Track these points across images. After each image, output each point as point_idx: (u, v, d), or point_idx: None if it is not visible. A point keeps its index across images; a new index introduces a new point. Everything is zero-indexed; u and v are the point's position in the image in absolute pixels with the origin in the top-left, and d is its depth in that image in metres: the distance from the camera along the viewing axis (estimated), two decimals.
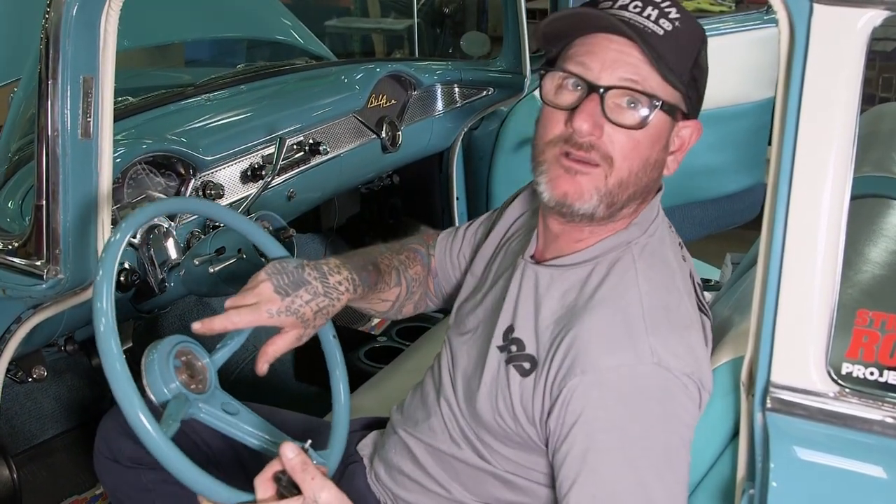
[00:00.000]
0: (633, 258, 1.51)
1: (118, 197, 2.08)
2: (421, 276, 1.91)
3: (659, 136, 1.47)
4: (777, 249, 1.32)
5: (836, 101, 1.26)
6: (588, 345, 1.43)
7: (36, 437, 2.71)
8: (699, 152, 3.51)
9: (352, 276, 1.67)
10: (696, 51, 1.46)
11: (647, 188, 1.52)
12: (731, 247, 2.62)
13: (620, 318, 1.44)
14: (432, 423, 1.70)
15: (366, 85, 2.87)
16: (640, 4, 1.43)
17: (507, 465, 1.59)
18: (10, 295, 1.70)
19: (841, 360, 1.34)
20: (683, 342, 1.45)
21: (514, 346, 1.55)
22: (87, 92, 1.59)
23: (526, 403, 1.51)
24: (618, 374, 1.41)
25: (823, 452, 1.36)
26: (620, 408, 1.41)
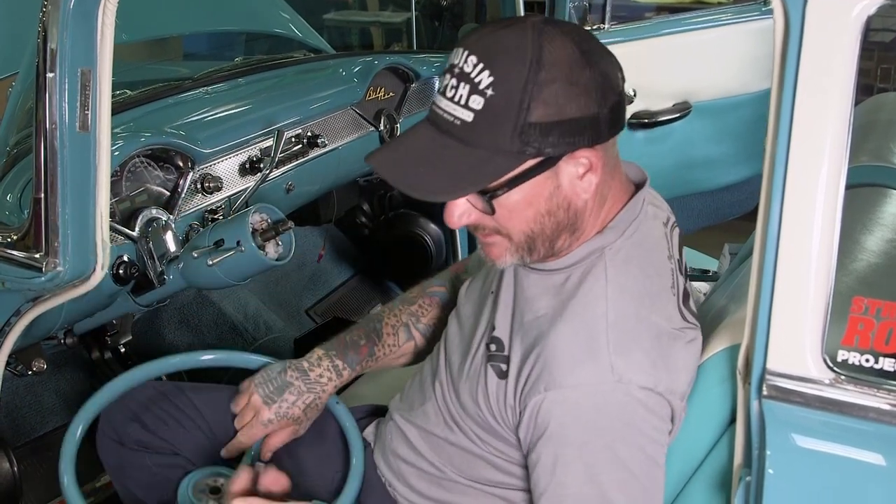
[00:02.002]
0: (606, 265, 1.51)
1: (117, 190, 2.08)
2: (441, 316, 1.94)
3: (533, 194, 1.44)
4: (773, 237, 1.33)
5: (831, 90, 1.26)
6: (552, 361, 1.45)
7: (36, 431, 2.72)
8: (698, 144, 3.55)
9: (333, 363, 1.82)
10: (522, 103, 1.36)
11: (566, 224, 1.49)
12: (730, 238, 2.62)
13: (584, 335, 1.46)
14: (426, 408, 1.72)
15: (364, 77, 2.87)
16: (454, 85, 1.40)
17: (493, 451, 1.62)
18: (10, 287, 1.71)
19: (837, 348, 1.34)
20: (650, 353, 1.46)
21: (494, 345, 1.58)
22: (85, 85, 1.59)
23: (500, 406, 1.55)
24: (579, 392, 1.43)
25: (819, 439, 1.37)
26: (582, 425, 1.44)
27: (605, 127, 1.42)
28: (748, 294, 1.42)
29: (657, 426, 1.46)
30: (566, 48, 1.38)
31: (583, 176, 1.45)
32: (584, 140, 1.40)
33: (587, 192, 1.47)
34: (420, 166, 1.43)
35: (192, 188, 2.25)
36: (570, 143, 1.39)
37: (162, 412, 1.96)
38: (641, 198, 1.57)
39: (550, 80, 1.36)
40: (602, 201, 1.52)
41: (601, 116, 1.40)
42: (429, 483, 1.73)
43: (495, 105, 1.37)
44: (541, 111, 1.36)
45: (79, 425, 1.73)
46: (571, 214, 1.48)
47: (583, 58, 1.39)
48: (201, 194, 2.27)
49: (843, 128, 1.27)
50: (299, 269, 3.59)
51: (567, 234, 1.50)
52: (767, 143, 1.34)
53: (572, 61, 1.38)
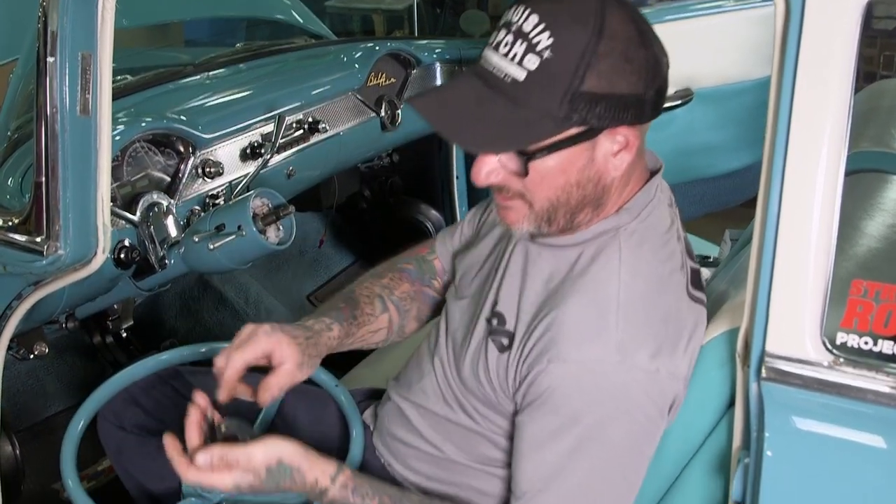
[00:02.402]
0: (620, 246, 1.51)
1: (118, 175, 2.08)
2: (411, 293, 1.92)
3: (568, 163, 1.44)
4: (772, 220, 1.33)
5: (832, 76, 1.26)
6: (559, 334, 1.46)
7: (38, 415, 2.73)
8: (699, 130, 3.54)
9: (319, 318, 1.74)
10: (577, 70, 1.36)
11: (592, 199, 1.50)
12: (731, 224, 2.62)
13: (595, 311, 1.46)
14: (424, 385, 1.73)
15: (365, 63, 2.87)
16: (509, 42, 1.39)
17: (494, 428, 1.62)
18: (11, 271, 1.71)
19: (836, 330, 1.35)
20: (658, 337, 1.46)
21: (496, 319, 1.58)
22: (86, 69, 1.59)
23: (501, 378, 1.55)
24: (582, 367, 1.44)
25: (818, 421, 1.37)
26: (577, 399, 1.44)
27: (648, 108, 1.42)
28: (748, 278, 1.42)
29: (651, 416, 1.46)
30: (626, 24, 1.39)
31: (617, 153, 1.45)
32: (627, 118, 1.41)
33: (618, 169, 1.47)
34: (464, 118, 1.42)
35: (193, 173, 2.26)
36: (615, 118, 1.40)
37: (162, 396, 1.97)
38: (656, 183, 1.58)
39: (608, 52, 1.36)
40: (626, 182, 1.53)
41: (646, 98, 1.41)
42: (427, 464, 1.73)
43: (550, 68, 1.36)
44: (593, 81, 1.36)
45: (79, 422, 1.75)
46: (599, 189, 1.48)
47: (640, 37, 1.39)
48: (202, 179, 2.28)
49: (843, 114, 1.27)
50: (300, 254, 3.59)
51: (590, 208, 1.51)
52: (767, 127, 1.35)
53: (630, 38, 1.38)
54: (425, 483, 1.74)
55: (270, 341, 1.61)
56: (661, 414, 1.48)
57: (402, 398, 1.79)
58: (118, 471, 2.03)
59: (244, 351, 1.59)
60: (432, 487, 1.74)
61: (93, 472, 2.56)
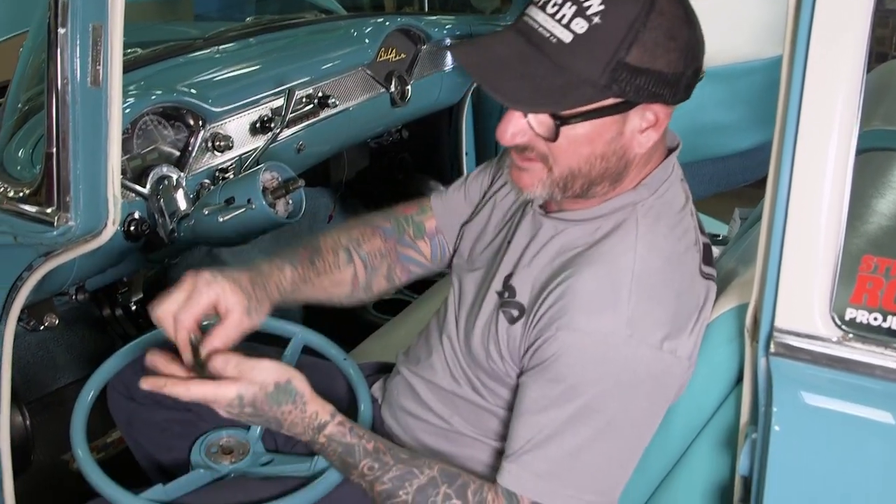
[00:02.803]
0: (637, 221, 1.51)
1: (128, 147, 2.08)
2: (383, 250, 1.89)
3: (597, 133, 1.44)
4: (783, 195, 1.33)
5: (844, 54, 1.26)
6: (571, 303, 1.46)
7: (48, 386, 2.74)
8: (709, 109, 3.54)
9: (271, 260, 1.71)
10: (624, 40, 1.36)
11: (613, 172, 1.49)
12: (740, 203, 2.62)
13: (608, 283, 1.46)
14: (433, 361, 1.74)
15: (375, 38, 2.87)
16: (558, 2, 1.38)
17: (501, 402, 1.63)
18: (22, 242, 1.71)
19: (845, 306, 1.35)
20: (668, 312, 1.47)
21: (508, 292, 1.59)
22: (97, 40, 1.58)
23: (512, 349, 1.56)
24: (591, 339, 1.44)
25: (826, 396, 1.37)
26: (582, 370, 1.45)
27: (682, 89, 1.43)
28: (757, 254, 1.42)
29: (653, 395, 1.47)
30: (675, 2, 1.40)
31: (645, 130, 1.45)
32: (663, 96, 1.41)
33: (643, 146, 1.47)
34: (504, 73, 1.41)
35: (203, 147, 2.26)
36: (652, 94, 1.40)
37: None
38: (673, 161, 1.58)
39: (656, 26, 1.36)
40: (648, 159, 1.53)
41: (683, 78, 1.41)
42: (435, 437, 1.74)
43: (598, 34, 1.36)
44: (637, 54, 1.36)
45: (89, 393, 1.76)
46: (622, 164, 1.48)
47: (686, 16, 1.40)
48: (212, 153, 2.28)
49: (854, 92, 1.27)
50: (309, 229, 3.59)
51: (609, 182, 1.51)
52: (779, 105, 1.34)
53: (678, 16, 1.39)
54: (431, 455, 1.75)
55: (212, 291, 1.55)
56: (664, 394, 1.48)
57: (411, 372, 1.79)
58: (128, 441, 2.05)
59: (188, 310, 1.54)
60: None
61: (102, 444, 2.57)
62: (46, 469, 2.51)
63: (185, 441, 1.85)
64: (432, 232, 1.92)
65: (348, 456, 1.54)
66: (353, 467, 1.54)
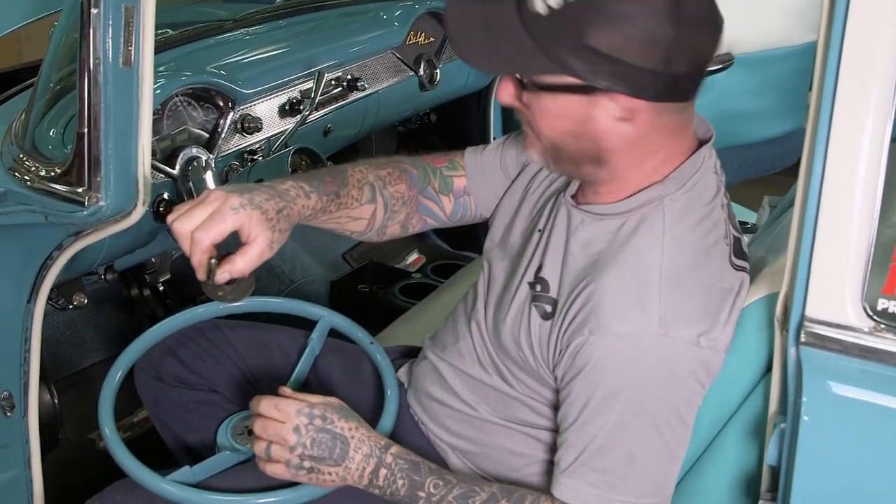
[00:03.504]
0: (664, 215, 1.50)
1: (158, 128, 2.09)
2: (406, 196, 1.84)
3: (566, 110, 1.45)
4: (816, 184, 1.32)
5: (881, 41, 1.25)
6: (600, 305, 1.45)
7: (76, 365, 2.76)
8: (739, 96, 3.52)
9: (298, 184, 1.65)
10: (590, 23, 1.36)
11: (591, 155, 1.49)
12: (770, 191, 2.60)
13: (636, 282, 1.46)
14: (460, 347, 1.74)
15: (404, 21, 2.86)
16: None
17: (530, 392, 1.63)
18: (52, 221, 1.72)
19: (877, 296, 1.34)
20: (699, 307, 1.46)
21: (540, 285, 1.58)
22: (129, 21, 1.59)
23: (542, 345, 1.55)
24: (623, 341, 1.44)
25: (856, 387, 1.36)
26: (619, 372, 1.44)
27: (660, 87, 1.40)
28: (788, 243, 1.41)
29: (692, 387, 1.47)
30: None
31: (618, 120, 1.44)
32: (627, 88, 1.39)
33: (620, 137, 1.46)
34: (481, 30, 1.46)
35: (232, 128, 2.26)
36: (612, 83, 1.39)
37: (198, 348, 1.98)
38: (704, 153, 1.56)
39: (627, 15, 1.35)
40: (648, 154, 1.51)
41: (658, 76, 1.38)
42: (461, 423, 1.74)
43: (568, 13, 1.37)
44: (603, 40, 1.36)
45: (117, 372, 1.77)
46: (597, 149, 1.48)
47: (672, 14, 1.36)
48: (241, 135, 2.28)
49: (890, 80, 1.26)
50: None
51: (592, 165, 1.51)
52: (812, 92, 1.33)
53: (658, 12, 1.36)
54: (457, 442, 1.75)
55: (239, 218, 1.50)
56: (701, 385, 1.48)
57: (437, 357, 1.79)
58: (154, 421, 2.06)
59: (208, 231, 1.50)
60: (463, 447, 1.75)
61: (129, 423, 2.59)
62: (73, 448, 2.53)
63: (211, 422, 1.86)
64: (460, 191, 1.89)
65: (415, 474, 1.54)
66: (419, 486, 1.53)
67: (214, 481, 1.67)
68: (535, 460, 1.68)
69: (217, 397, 1.99)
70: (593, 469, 1.48)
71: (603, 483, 1.47)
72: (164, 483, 1.60)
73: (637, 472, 1.47)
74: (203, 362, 1.98)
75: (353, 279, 3.30)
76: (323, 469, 1.54)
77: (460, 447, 1.76)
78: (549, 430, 1.65)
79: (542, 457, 1.67)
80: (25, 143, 1.81)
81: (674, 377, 1.44)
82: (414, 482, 1.53)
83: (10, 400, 1.86)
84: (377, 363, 1.86)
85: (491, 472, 1.72)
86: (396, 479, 1.54)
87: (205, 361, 1.98)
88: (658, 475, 1.49)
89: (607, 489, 1.47)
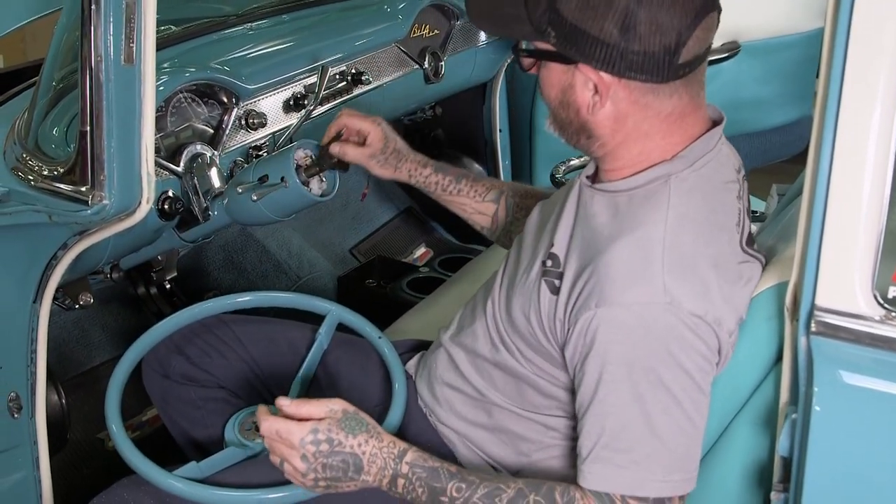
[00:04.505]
0: (670, 191, 1.51)
1: (162, 125, 2.08)
2: (520, 222, 1.94)
3: (554, 78, 1.54)
4: (824, 172, 1.31)
5: (888, 26, 1.24)
6: (605, 278, 1.46)
7: (83, 365, 2.76)
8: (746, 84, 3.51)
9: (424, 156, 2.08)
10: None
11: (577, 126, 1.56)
12: (777, 179, 2.59)
13: (640, 256, 1.46)
14: (475, 328, 1.74)
15: (408, 14, 2.84)
16: None
17: (537, 371, 1.63)
18: (57, 221, 1.72)
19: (888, 285, 1.33)
20: (704, 281, 1.45)
21: (551, 260, 1.59)
22: (130, 17, 1.58)
23: (550, 321, 1.55)
24: (629, 311, 1.44)
25: (868, 376, 1.35)
26: (628, 343, 1.44)
27: (624, 63, 1.44)
28: (797, 232, 1.40)
29: (704, 354, 1.45)
30: None
31: (595, 94, 1.50)
32: (593, 61, 1.46)
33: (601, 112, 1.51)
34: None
35: (237, 124, 2.25)
36: (579, 53, 1.46)
37: (205, 344, 1.98)
38: (717, 134, 1.57)
39: None
40: (641, 136, 1.53)
41: (620, 50, 1.43)
42: (472, 407, 1.74)
43: None
44: (568, 8, 1.45)
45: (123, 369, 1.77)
46: (581, 121, 1.54)
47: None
48: (245, 130, 2.27)
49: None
50: (343, 208, 3.59)
51: (581, 136, 1.57)
52: (820, 79, 1.32)
53: None
54: (466, 429, 1.74)
55: (369, 125, 2.03)
56: (712, 354, 1.46)
57: (452, 342, 1.79)
58: (163, 418, 2.06)
59: (351, 118, 2.03)
60: (472, 434, 1.75)
61: (137, 423, 2.59)
62: (81, 448, 2.53)
63: (219, 418, 1.86)
64: None
65: (434, 480, 1.52)
66: (440, 492, 1.52)
67: (221, 477, 1.67)
68: (543, 446, 1.68)
69: (225, 393, 1.99)
70: (616, 450, 1.46)
71: (630, 462, 1.45)
72: (170, 478, 1.60)
73: (663, 447, 1.45)
74: (210, 358, 1.98)
75: (360, 274, 3.30)
76: (340, 486, 1.53)
77: (469, 435, 1.75)
78: (556, 417, 1.65)
79: (551, 442, 1.67)
80: (28, 142, 1.81)
81: (684, 342, 1.43)
82: (434, 489, 1.51)
83: (17, 401, 1.86)
84: (385, 357, 1.85)
85: (500, 458, 1.72)
86: (416, 488, 1.52)
87: (212, 358, 1.98)
88: (683, 448, 1.47)
89: (634, 468, 1.45)
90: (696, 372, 1.45)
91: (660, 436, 1.45)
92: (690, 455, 1.49)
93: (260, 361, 1.98)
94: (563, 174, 2.91)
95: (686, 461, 1.48)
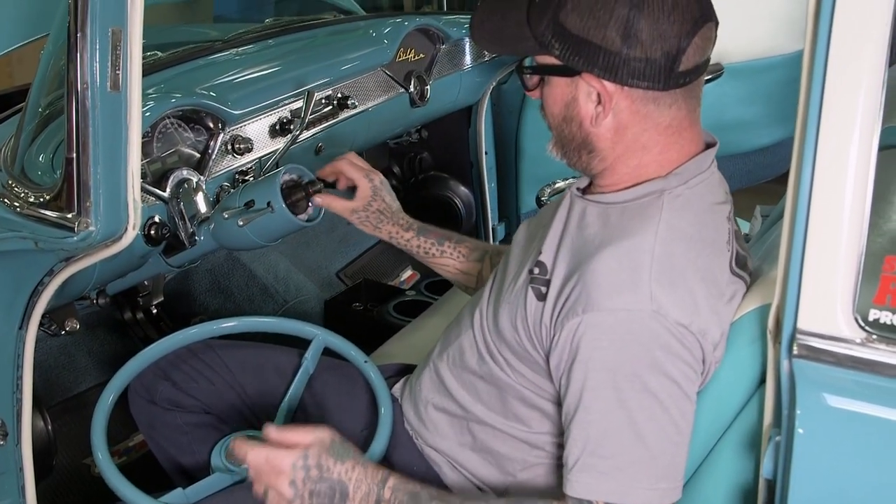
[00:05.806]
0: (662, 205, 1.53)
1: (148, 151, 2.08)
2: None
3: (558, 93, 1.57)
4: (804, 195, 1.32)
5: (866, 49, 1.25)
6: (592, 285, 1.47)
7: (70, 390, 2.75)
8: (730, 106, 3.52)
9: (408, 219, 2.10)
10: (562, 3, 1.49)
11: (579, 141, 1.58)
12: (761, 200, 2.60)
13: (628, 262, 1.47)
14: (462, 341, 1.75)
15: (394, 39, 2.86)
16: None
17: (523, 381, 1.63)
18: (43, 247, 1.72)
19: (868, 307, 1.34)
20: (692, 293, 1.46)
21: (538, 268, 1.59)
22: (116, 44, 1.58)
23: (536, 328, 1.56)
24: (615, 317, 1.44)
25: (850, 398, 1.36)
26: (613, 350, 1.45)
27: (627, 70, 1.47)
28: (779, 254, 1.41)
29: (689, 362, 1.46)
30: None
31: (598, 105, 1.52)
32: (596, 69, 1.48)
33: (603, 124, 1.53)
34: (495, 11, 1.61)
35: (223, 149, 2.25)
36: (583, 62, 1.49)
37: (191, 370, 1.98)
38: (711, 157, 1.61)
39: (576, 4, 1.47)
40: (639, 149, 1.55)
41: (623, 58, 1.46)
42: (458, 429, 1.75)
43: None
44: (572, 18, 1.47)
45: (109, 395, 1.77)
46: (584, 135, 1.56)
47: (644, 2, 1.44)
48: (231, 156, 2.27)
49: (876, 88, 1.26)
50: (329, 231, 3.59)
51: (582, 152, 1.59)
52: (800, 101, 1.33)
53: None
54: (452, 449, 1.75)
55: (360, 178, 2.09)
56: (697, 363, 1.47)
57: (438, 358, 1.80)
58: (150, 444, 2.06)
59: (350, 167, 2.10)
60: (457, 455, 1.75)
61: (124, 448, 2.58)
62: (68, 474, 2.53)
63: (205, 444, 1.86)
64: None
65: (416, 502, 1.53)
66: None
67: (208, 503, 1.66)
68: (528, 465, 1.68)
69: (211, 419, 1.99)
70: (601, 457, 1.46)
71: (613, 469, 1.45)
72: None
73: (648, 454, 1.45)
74: (197, 384, 1.98)
75: (347, 297, 3.30)
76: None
77: (455, 456, 1.75)
78: (540, 434, 1.65)
79: (535, 461, 1.67)
80: (14, 168, 1.81)
81: (669, 349, 1.44)
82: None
83: (3, 428, 1.85)
84: (371, 382, 1.85)
85: (486, 478, 1.72)
86: None
87: (198, 383, 1.98)
88: (669, 456, 1.47)
89: (619, 475, 1.45)
90: (681, 379, 1.45)
91: (645, 442, 1.45)
92: (676, 464, 1.49)
93: (246, 386, 1.98)
94: (549, 196, 2.92)
95: (672, 470, 1.48)
